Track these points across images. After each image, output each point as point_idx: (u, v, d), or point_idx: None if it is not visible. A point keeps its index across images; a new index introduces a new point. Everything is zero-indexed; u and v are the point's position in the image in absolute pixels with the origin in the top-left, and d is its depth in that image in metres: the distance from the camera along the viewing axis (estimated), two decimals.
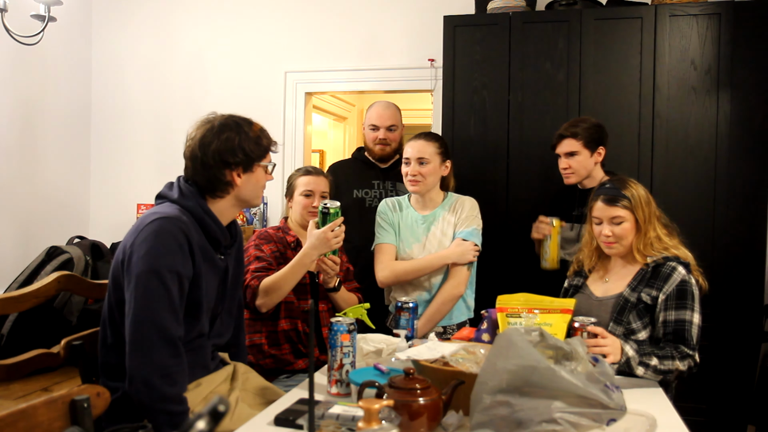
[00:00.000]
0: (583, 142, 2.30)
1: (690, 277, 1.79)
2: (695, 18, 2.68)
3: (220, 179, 1.59)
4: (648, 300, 1.80)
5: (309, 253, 1.99)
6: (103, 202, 3.99)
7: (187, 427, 0.64)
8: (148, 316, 1.40)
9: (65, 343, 1.62)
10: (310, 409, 0.91)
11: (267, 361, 2.12)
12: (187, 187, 1.59)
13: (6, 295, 1.66)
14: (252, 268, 2.08)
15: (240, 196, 1.63)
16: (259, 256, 2.12)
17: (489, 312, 1.87)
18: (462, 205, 2.30)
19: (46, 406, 1.15)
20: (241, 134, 1.59)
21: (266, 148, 1.65)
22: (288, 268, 2.01)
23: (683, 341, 1.71)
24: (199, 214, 1.55)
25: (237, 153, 1.58)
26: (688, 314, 1.73)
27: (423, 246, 2.27)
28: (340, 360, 1.51)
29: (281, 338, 2.13)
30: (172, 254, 1.44)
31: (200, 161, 1.58)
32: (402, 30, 3.52)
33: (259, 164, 1.64)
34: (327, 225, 1.97)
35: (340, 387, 1.51)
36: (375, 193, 2.73)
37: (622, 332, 1.81)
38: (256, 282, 2.03)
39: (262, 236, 2.21)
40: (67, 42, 3.80)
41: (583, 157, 2.31)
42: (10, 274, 3.25)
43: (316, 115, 4.86)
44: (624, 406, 1.25)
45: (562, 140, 2.35)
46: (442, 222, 2.28)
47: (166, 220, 1.47)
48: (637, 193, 1.88)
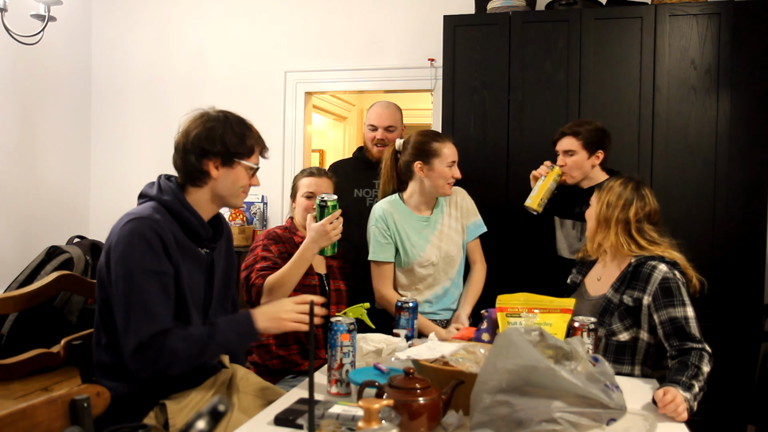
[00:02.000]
0: (582, 142, 2.30)
1: (673, 272, 1.77)
2: (695, 18, 2.68)
3: (196, 167, 1.58)
4: (629, 302, 1.79)
5: (310, 247, 1.98)
6: (103, 202, 3.99)
7: (187, 427, 0.64)
8: (136, 311, 1.42)
9: (65, 343, 1.62)
10: (310, 409, 0.91)
11: (274, 361, 2.12)
12: (166, 183, 1.60)
13: (6, 295, 1.66)
14: (257, 267, 2.08)
15: (216, 190, 1.61)
16: (265, 256, 2.12)
17: (489, 312, 1.87)
18: (462, 196, 2.37)
19: (46, 405, 1.15)
20: (226, 126, 1.59)
21: (250, 148, 1.62)
22: (290, 264, 2.01)
23: (687, 337, 1.69)
24: (177, 208, 1.56)
25: (216, 143, 1.57)
26: (680, 310, 1.72)
27: (435, 246, 2.27)
28: (340, 360, 1.51)
29: (290, 339, 2.13)
30: (144, 254, 1.45)
31: (182, 147, 1.59)
32: (402, 30, 3.52)
33: (240, 162, 1.60)
34: (325, 218, 1.96)
35: (339, 387, 1.51)
36: (375, 193, 2.72)
37: (604, 333, 1.82)
38: (260, 280, 2.04)
39: (271, 236, 2.21)
40: (67, 42, 3.80)
41: (579, 158, 2.31)
42: (10, 274, 3.25)
43: (316, 114, 4.86)
44: (624, 406, 1.25)
45: (563, 137, 2.35)
46: (447, 218, 2.31)
47: (138, 221, 1.48)
48: (607, 192, 1.93)
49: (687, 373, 1.58)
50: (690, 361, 1.63)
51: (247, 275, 2.09)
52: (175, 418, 1.49)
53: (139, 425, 1.00)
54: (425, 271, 2.26)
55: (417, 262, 2.25)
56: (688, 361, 1.63)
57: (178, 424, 1.49)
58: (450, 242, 2.29)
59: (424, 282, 2.27)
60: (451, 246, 2.29)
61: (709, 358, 1.65)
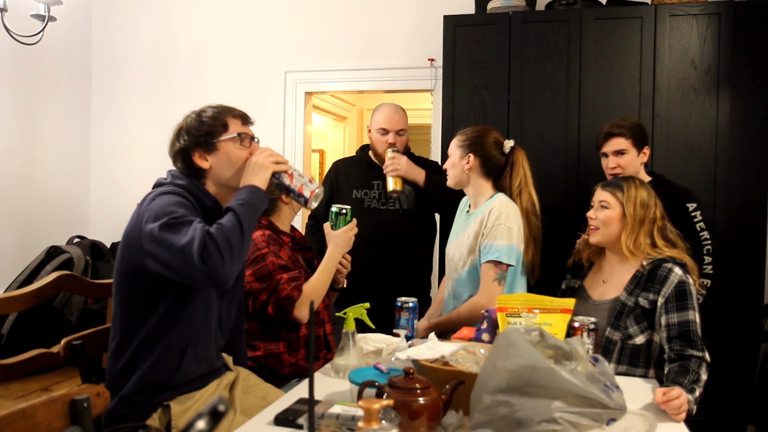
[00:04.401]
0: (632, 140, 2.24)
1: (686, 276, 1.77)
2: (695, 18, 2.68)
3: (189, 166, 1.60)
4: (646, 304, 1.78)
5: (337, 253, 2.04)
6: (103, 202, 3.99)
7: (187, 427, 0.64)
8: (181, 231, 1.39)
9: (65, 343, 1.62)
10: (310, 409, 0.91)
11: (286, 370, 2.05)
12: (177, 173, 1.62)
13: (6, 295, 1.66)
14: (285, 278, 1.96)
15: (218, 179, 1.60)
16: (282, 265, 1.99)
17: (489, 312, 1.86)
18: (489, 211, 2.08)
19: (46, 405, 1.15)
20: (189, 119, 1.62)
21: (223, 122, 1.59)
22: (323, 273, 2.02)
23: (690, 342, 1.68)
24: (193, 191, 1.57)
25: (188, 136, 1.58)
26: (691, 314, 1.72)
27: (459, 243, 2.20)
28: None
29: (300, 344, 2.08)
30: (181, 207, 1.46)
31: (172, 157, 1.63)
32: (402, 30, 3.52)
33: (221, 140, 1.58)
34: (346, 225, 2.04)
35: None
36: (374, 194, 2.72)
37: (620, 337, 1.80)
38: (297, 293, 1.95)
39: (272, 241, 2.06)
40: (67, 42, 3.80)
41: (631, 156, 2.25)
42: (10, 274, 3.25)
43: (316, 114, 4.86)
44: (624, 406, 1.25)
45: (610, 138, 2.27)
46: (473, 226, 2.13)
47: (168, 190, 1.51)
48: (635, 191, 1.87)
49: (689, 377, 1.59)
50: (691, 367, 1.63)
51: (270, 287, 1.96)
52: (179, 419, 1.50)
53: (139, 425, 1.00)
54: (446, 265, 2.30)
55: (446, 252, 2.32)
56: (688, 366, 1.63)
57: (180, 425, 1.49)
58: (458, 248, 2.20)
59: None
60: (456, 251, 2.21)
61: (707, 367, 1.66)
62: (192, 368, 1.54)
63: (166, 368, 1.50)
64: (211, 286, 1.43)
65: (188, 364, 1.53)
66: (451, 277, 2.24)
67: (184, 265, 1.36)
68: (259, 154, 1.57)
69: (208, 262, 1.34)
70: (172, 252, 1.37)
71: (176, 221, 1.40)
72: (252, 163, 1.55)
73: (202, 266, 1.34)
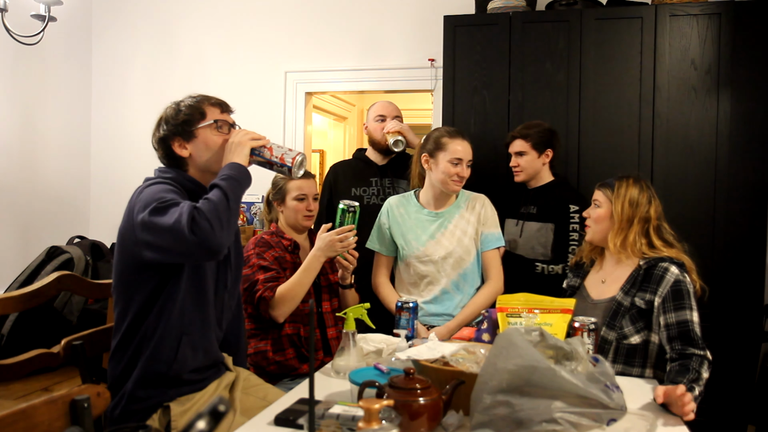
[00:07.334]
0: (531, 143, 2.48)
1: (684, 275, 1.77)
2: (695, 18, 2.68)
3: (171, 156, 1.63)
4: (642, 304, 1.78)
5: (316, 255, 2.03)
6: (103, 202, 3.99)
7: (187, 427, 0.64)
8: (167, 212, 1.41)
9: (65, 343, 1.62)
10: (310, 409, 0.91)
11: (272, 368, 2.10)
12: (163, 167, 1.65)
13: (6, 295, 1.66)
14: (261, 278, 2.03)
15: (200, 166, 1.62)
16: (263, 266, 2.07)
17: (489, 312, 1.87)
18: (482, 203, 2.32)
19: (46, 406, 1.15)
20: (168, 110, 1.65)
21: (201, 111, 1.62)
22: (299, 274, 2.02)
23: (690, 342, 1.68)
24: (181, 181, 1.59)
25: (167, 126, 1.62)
26: (688, 313, 1.71)
27: (438, 243, 2.25)
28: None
29: (285, 343, 2.11)
30: (169, 192, 1.48)
31: (156, 151, 1.66)
32: (402, 30, 3.52)
33: (199, 128, 1.61)
34: (336, 229, 2.01)
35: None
36: (373, 191, 2.75)
37: (615, 337, 1.79)
38: (270, 293, 2.00)
39: (261, 243, 2.15)
40: (67, 42, 3.80)
41: (531, 157, 2.49)
42: (10, 274, 3.25)
43: (316, 115, 4.86)
44: (624, 406, 1.25)
45: (513, 140, 2.54)
46: (459, 220, 2.28)
47: (155, 181, 1.55)
48: (625, 190, 1.88)
49: (689, 377, 1.58)
50: (691, 365, 1.63)
51: (250, 287, 2.04)
52: (178, 420, 1.50)
53: (139, 425, 1.00)
54: (424, 267, 2.25)
55: (415, 256, 2.26)
56: (689, 365, 1.63)
57: (180, 426, 1.49)
58: (457, 243, 2.25)
59: (424, 280, 2.27)
60: (457, 247, 2.24)
61: (708, 365, 1.65)
62: (189, 357, 1.54)
63: (163, 358, 1.51)
64: (207, 256, 1.43)
65: (184, 352, 1.53)
66: (450, 274, 2.25)
67: (177, 242, 1.37)
68: (235, 134, 1.60)
69: (198, 232, 1.36)
70: (164, 233, 1.39)
71: (164, 205, 1.41)
72: (230, 143, 1.59)
73: (192, 237, 1.36)
